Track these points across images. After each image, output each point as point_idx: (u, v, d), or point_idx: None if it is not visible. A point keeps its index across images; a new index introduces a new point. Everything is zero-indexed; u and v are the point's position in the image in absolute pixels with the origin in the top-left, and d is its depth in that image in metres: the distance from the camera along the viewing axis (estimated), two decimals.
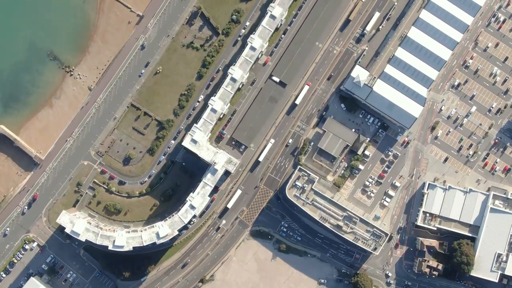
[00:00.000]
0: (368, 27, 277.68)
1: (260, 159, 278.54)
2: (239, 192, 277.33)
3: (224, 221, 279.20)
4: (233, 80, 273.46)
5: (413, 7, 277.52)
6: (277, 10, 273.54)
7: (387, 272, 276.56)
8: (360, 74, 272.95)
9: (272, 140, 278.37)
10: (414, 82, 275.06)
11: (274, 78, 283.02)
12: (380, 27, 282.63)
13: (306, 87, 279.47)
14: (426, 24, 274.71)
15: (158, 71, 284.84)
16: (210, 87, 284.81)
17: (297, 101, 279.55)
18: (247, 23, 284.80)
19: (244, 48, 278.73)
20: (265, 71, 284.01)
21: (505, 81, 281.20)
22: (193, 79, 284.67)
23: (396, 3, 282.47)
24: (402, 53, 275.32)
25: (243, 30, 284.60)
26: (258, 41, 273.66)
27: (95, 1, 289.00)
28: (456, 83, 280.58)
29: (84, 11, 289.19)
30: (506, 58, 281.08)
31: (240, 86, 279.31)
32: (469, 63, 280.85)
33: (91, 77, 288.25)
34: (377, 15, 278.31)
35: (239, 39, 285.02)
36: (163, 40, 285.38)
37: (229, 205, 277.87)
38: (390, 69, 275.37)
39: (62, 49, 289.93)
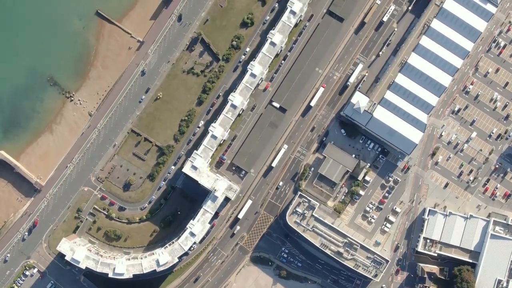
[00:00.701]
0: (351, 79, 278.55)
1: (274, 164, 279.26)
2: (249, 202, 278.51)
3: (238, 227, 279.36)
4: (234, 106, 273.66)
5: (413, 33, 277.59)
6: (277, 37, 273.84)
7: None
8: (360, 100, 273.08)
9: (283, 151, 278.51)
10: (414, 108, 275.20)
11: (274, 103, 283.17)
12: (380, 52, 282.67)
13: (322, 89, 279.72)
14: (426, 50, 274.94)
15: (158, 97, 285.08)
16: (210, 113, 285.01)
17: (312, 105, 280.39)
18: (247, 49, 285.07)
19: (244, 74, 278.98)
20: (265, 96, 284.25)
21: (505, 106, 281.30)
22: (194, 104, 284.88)
23: (396, 29, 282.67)
24: (402, 79, 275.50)
25: (243, 56, 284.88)
26: (258, 68, 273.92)
27: (95, 27, 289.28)
28: (456, 109, 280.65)
29: (84, 36, 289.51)
30: (507, 84, 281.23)
31: (241, 112, 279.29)
32: (469, 88, 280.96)
33: (91, 102, 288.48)
34: (360, 66, 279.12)
35: (239, 65, 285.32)
36: (164, 66, 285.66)
37: (240, 215, 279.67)
38: (390, 95, 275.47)
39: (62, 74, 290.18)
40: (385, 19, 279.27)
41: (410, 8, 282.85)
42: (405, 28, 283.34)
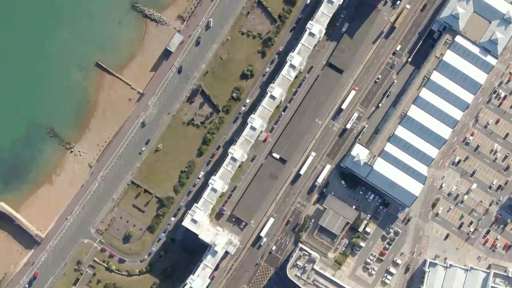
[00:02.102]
0: (319, 179, 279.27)
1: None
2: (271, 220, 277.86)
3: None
4: (234, 159, 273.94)
5: (413, 84, 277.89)
6: (277, 91, 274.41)
7: None
8: (360, 153, 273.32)
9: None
10: (414, 161, 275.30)
11: (274, 154, 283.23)
12: (380, 104, 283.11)
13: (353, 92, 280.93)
14: (426, 102, 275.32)
15: (158, 149, 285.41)
16: (210, 164, 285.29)
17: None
18: (247, 100, 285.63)
19: (244, 125, 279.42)
20: (265, 147, 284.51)
21: (505, 157, 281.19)
22: (194, 156, 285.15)
23: (395, 81, 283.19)
24: (402, 132, 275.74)
25: (243, 108, 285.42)
26: (258, 121, 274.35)
27: (95, 78, 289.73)
28: (456, 160, 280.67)
29: (84, 87, 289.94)
30: (507, 135, 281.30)
31: (241, 164, 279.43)
32: (469, 139, 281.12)
33: (92, 154, 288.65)
34: (328, 167, 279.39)
35: (239, 116, 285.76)
36: (164, 118, 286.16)
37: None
38: (390, 148, 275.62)
39: (62, 126, 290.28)
40: (348, 126, 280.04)
41: (409, 59, 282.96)
42: (405, 79, 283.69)
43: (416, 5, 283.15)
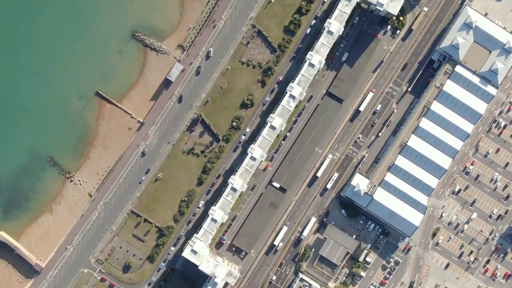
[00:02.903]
0: (305, 233, 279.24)
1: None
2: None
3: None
4: (234, 190, 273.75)
5: (413, 114, 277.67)
6: (277, 121, 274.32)
7: None
8: (360, 183, 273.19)
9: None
10: (414, 190, 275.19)
11: (275, 183, 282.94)
12: (380, 133, 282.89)
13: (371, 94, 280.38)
14: (426, 132, 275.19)
15: (158, 178, 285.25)
16: (210, 193, 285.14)
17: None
18: (247, 130, 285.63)
19: (244, 155, 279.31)
20: (265, 176, 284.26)
21: (505, 186, 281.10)
22: (194, 185, 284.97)
23: (395, 110, 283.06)
24: (402, 162, 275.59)
25: (243, 137, 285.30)
26: (258, 151, 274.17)
27: (96, 107, 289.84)
28: (456, 189, 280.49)
29: (84, 117, 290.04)
30: (507, 164, 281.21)
31: (241, 193, 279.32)
32: (469, 169, 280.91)
33: (91, 183, 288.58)
34: (313, 220, 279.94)
35: (239, 145, 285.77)
36: (164, 147, 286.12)
37: None
38: (390, 177, 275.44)
39: (62, 154, 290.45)
40: (328, 186, 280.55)
41: (409, 89, 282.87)
42: (405, 109, 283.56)
43: (417, 33, 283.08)
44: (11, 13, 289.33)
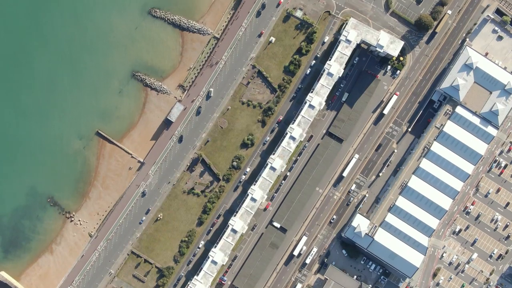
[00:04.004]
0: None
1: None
2: None
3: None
4: (234, 231, 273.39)
5: (413, 155, 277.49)
6: (277, 162, 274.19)
7: None
8: (360, 224, 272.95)
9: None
10: (415, 231, 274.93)
11: (275, 223, 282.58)
12: (380, 173, 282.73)
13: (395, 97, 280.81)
14: (427, 173, 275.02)
15: (158, 218, 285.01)
16: (210, 233, 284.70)
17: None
18: (248, 169, 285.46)
19: (245, 194, 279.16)
20: (266, 216, 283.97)
21: (506, 226, 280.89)
22: (194, 225, 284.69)
23: (396, 150, 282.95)
24: (402, 202, 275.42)
25: (243, 176, 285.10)
26: (258, 192, 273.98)
27: (96, 147, 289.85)
28: (457, 229, 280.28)
29: (84, 156, 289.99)
30: (508, 204, 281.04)
31: (241, 234, 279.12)
32: (470, 209, 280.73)
33: (92, 223, 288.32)
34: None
35: (239, 184, 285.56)
36: (164, 187, 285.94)
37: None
38: (391, 218, 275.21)
39: (63, 194, 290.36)
40: (308, 261, 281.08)
41: (409, 129, 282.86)
42: (405, 149, 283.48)
43: (417, 72, 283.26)
44: (11, 52, 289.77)
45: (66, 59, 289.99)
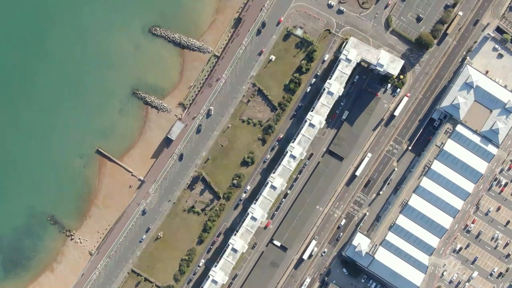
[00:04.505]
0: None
1: None
2: None
3: None
4: (234, 250, 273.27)
5: (414, 173, 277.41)
6: (278, 181, 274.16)
7: None
8: (361, 243, 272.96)
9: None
10: (415, 250, 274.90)
11: (275, 242, 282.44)
12: (381, 191, 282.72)
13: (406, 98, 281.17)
14: (427, 192, 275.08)
15: (159, 237, 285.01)
16: (211, 252, 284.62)
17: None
18: (248, 187, 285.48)
19: (245, 212, 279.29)
20: (266, 234, 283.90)
21: (506, 244, 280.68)
22: (194, 243, 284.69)
23: (396, 168, 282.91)
24: (403, 221, 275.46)
25: (244, 194, 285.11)
26: (259, 211, 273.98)
27: (96, 165, 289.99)
28: (457, 248, 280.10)
29: (84, 175, 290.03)
30: (508, 222, 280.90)
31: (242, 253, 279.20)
32: (470, 227, 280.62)
33: (92, 241, 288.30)
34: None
35: (240, 203, 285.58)
36: (164, 205, 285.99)
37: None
38: (391, 237, 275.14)
39: (63, 213, 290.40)
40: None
41: (410, 147, 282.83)
42: (405, 167, 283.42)
43: (417, 92, 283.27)
44: (12, 71, 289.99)
45: (67, 77, 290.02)
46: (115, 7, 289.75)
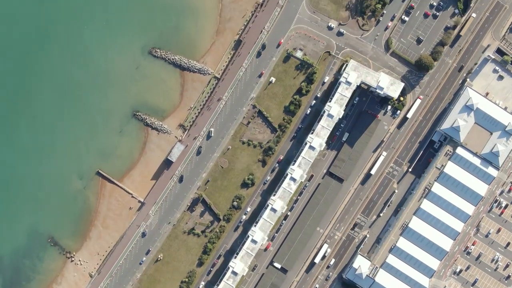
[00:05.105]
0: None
1: None
2: None
3: None
4: (234, 273, 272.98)
5: (414, 195, 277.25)
6: (278, 203, 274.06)
7: None
8: (362, 265, 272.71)
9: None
10: (416, 272, 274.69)
11: (276, 264, 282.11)
12: (381, 214, 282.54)
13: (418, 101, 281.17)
14: (428, 214, 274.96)
15: (159, 259, 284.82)
16: (211, 274, 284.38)
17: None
18: (248, 209, 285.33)
19: (245, 234, 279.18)
20: (267, 256, 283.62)
21: (506, 266, 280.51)
22: (194, 265, 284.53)
23: (396, 190, 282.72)
24: (403, 243, 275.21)
25: (244, 216, 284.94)
26: (259, 234, 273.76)
27: (96, 186, 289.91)
28: (458, 270, 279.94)
29: (85, 196, 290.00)
30: (508, 244, 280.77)
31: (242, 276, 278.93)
32: (471, 249, 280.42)
33: (92, 263, 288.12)
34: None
35: (240, 224, 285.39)
36: (164, 227, 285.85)
37: None
38: (392, 259, 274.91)
39: (63, 234, 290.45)
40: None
41: (410, 169, 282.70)
42: (406, 188, 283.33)
43: (418, 112, 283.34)
44: (12, 91, 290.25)
45: (67, 98, 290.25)
46: (116, 28, 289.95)
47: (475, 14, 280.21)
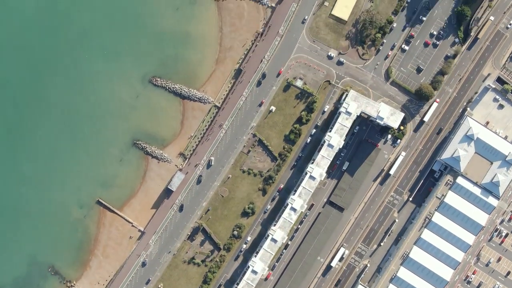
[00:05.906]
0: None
1: None
2: None
3: None
4: None
5: (414, 225, 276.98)
6: (278, 234, 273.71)
7: None
8: None
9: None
10: None
11: None
12: (382, 242, 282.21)
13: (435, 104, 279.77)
14: (428, 244, 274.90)
15: None
16: None
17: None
18: (249, 238, 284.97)
19: (245, 263, 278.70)
20: (267, 286, 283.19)
21: None
22: None
23: (397, 219, 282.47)
24: (404, 273, 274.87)
25: (244, 245, 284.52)
26: (259, 264, 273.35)
27: (96, 215, 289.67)
28: None
29: (85, 225, 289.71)
30: (508, 273, 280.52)
31: None
32: (471, 278, 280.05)
33: None
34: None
35: (240, 254, 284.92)
36: (165, 257, 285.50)
37: None
38: None
39: (63, 263, 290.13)
40: None
41: (411, 198, 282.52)
42: (406, 218, 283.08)
43: (418, 141, 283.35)
44: (12, 120, 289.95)
45: (67, 127, 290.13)
46: (116, 57, 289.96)
47: (493, 17, 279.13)
